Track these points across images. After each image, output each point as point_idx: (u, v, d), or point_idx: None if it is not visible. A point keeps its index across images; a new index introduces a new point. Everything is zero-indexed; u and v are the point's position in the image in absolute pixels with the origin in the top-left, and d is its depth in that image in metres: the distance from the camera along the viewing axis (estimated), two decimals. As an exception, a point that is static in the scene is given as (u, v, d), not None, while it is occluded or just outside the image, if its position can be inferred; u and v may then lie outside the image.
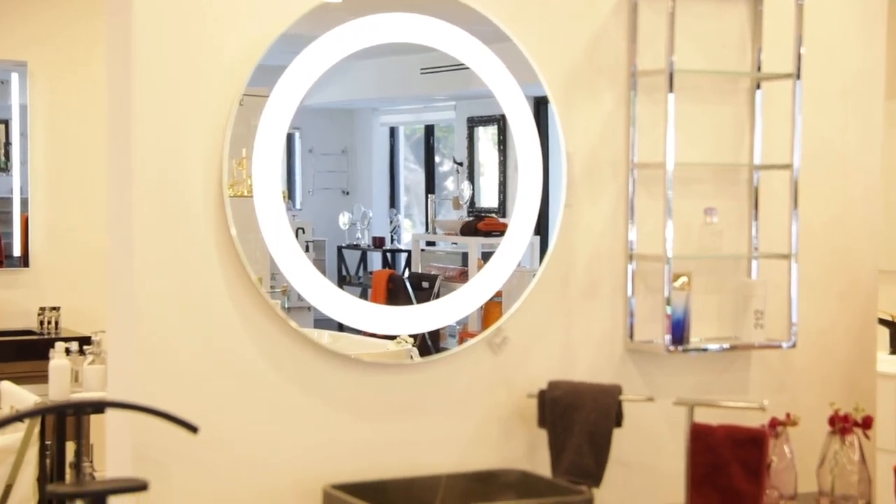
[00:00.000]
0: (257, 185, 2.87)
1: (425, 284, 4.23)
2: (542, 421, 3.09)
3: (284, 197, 3.05)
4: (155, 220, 2.82)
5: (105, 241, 3.00)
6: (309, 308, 3.07)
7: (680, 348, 3.21)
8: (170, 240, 2.83)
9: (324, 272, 3.06)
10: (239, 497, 2.88)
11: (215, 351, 2.87)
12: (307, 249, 3.40)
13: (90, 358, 4.60)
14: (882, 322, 4.84)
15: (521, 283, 3.19)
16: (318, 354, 2.97)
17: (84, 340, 4.84)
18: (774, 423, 3.23)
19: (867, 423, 3.22)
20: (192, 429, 2.73)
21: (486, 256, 3.28)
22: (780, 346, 3.35)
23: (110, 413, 2.86)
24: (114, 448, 2.91)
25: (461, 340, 3.21)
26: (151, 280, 2.82)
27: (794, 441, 3.25)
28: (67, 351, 4.50)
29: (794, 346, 3.36)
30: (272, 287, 3.23)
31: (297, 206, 4.42)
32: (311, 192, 4.62)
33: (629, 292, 3.26)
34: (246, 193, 2.92)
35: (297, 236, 3.06)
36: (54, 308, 5.98)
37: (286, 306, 3.11)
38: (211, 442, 2.83)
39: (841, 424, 3.20)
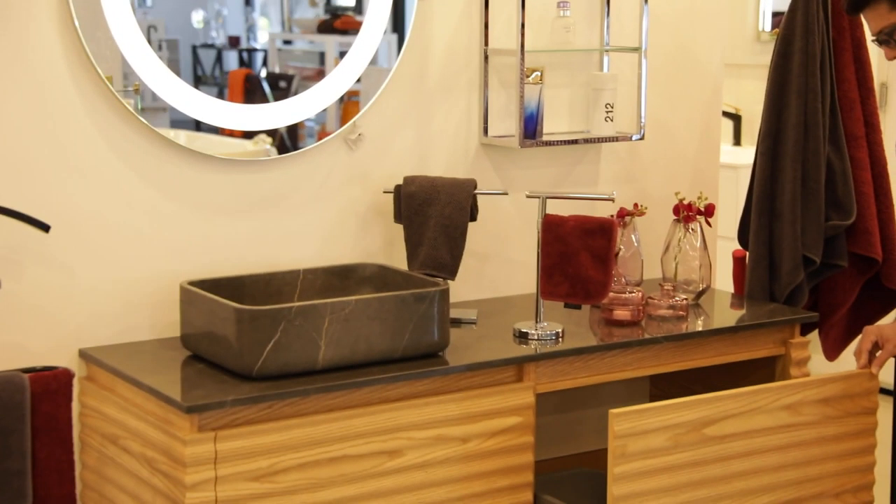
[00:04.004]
0: (102, -22, 2.79)
1: (282, 84, 4.17)
2: (398, 216, 3.14)
3: (133, -8, 2.96)
4: (-5, 16, 2.73)
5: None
6: (165, 109, 3.02)
7: (533, 142, 3.27)
8: (10, 35, 2.74)
9: (178, 72, 3.01)
10: (95, 296, 2.89)
11: (65, 151, 2.83)
12: (160, 48, 3.31)
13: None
14: (726, 115, 4.99)
15: (379, 82, 3.18)
16: (174, 153, 2.95)
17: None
18: (622, 213, 3.35)
19: (709, 212, 3.36)
20: (44, 227, 2.71)
21: (343, 56, 3.26)
22: (629, 139, 3.44)
23: (-40, 214, 2.82)
24: (-34, 250, 2.88)
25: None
26: (-5, 78, 2.74)
27: (641, 230, 3.38)
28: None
29: (642, 138, 3.45)
30: (124, 86, 3.16)
31: (148, 2, 4.26)
32: (162, -11, 4.47)
33: (483, 87, 3.30)
34: (92, -12, 2.83)
35: (148, 35, 2.99)
36: None
37: (140, 107, 3.06)
38: (65, 241, 2.82)
39: (685, 213, 3.34)
